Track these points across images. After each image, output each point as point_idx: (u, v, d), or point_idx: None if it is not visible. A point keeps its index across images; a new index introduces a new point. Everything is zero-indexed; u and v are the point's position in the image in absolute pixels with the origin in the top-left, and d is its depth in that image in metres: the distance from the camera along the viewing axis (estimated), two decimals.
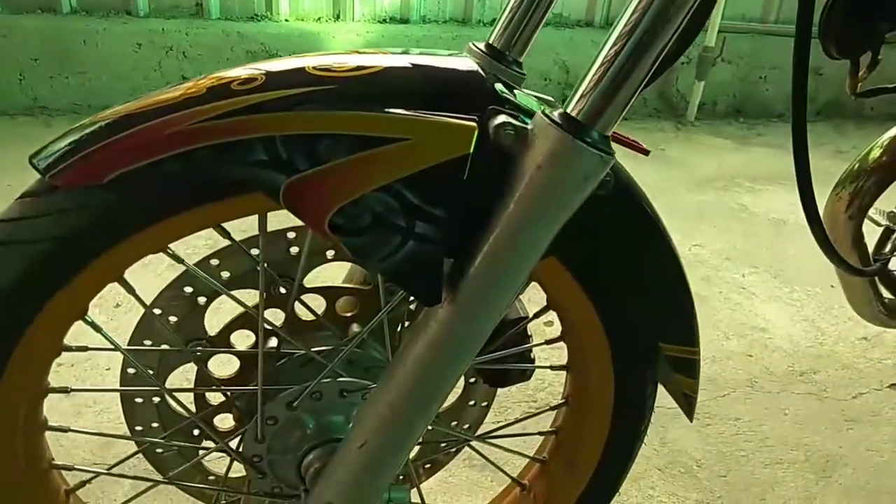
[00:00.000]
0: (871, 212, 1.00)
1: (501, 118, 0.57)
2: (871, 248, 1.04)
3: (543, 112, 0.57)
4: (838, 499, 1.38)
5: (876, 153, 0.96)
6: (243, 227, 0.72)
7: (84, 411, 1.42)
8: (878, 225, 1.03)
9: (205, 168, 0.59)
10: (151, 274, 0.83)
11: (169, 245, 0.68)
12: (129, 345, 0.77)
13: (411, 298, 0.83)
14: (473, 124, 0.58)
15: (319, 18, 3.29)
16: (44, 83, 2.97)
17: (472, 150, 0.58)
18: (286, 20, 3.25)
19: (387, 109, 0.58)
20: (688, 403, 0.84)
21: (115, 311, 1.72)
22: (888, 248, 0.97)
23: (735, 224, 2.49)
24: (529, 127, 0.57)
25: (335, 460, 0.71)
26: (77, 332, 0.69)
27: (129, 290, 0.71)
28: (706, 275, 2.15)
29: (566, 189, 0.57)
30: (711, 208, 2.63)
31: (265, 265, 0.75)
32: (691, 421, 0.87)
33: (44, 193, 0.61)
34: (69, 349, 0.71)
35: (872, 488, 1.41)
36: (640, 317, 0.78)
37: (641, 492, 1.36)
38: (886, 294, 1.10)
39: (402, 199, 0.59)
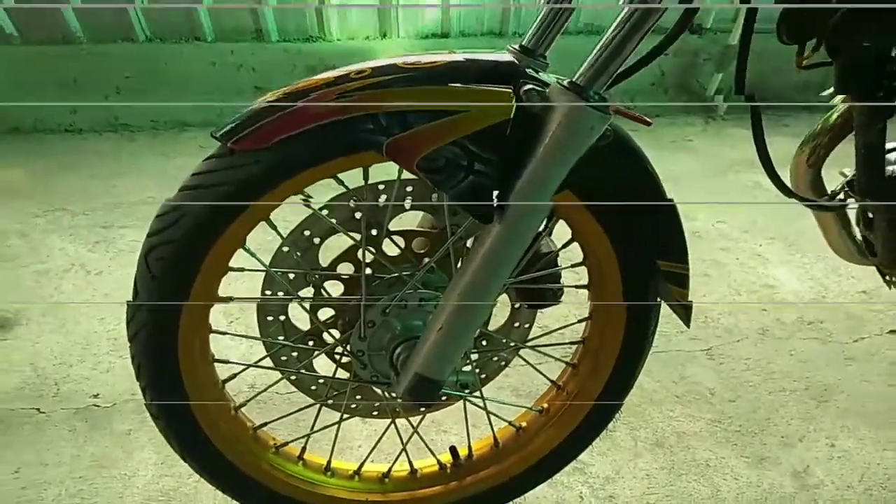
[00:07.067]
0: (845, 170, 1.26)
1: (529, 85, 0.86)
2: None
3: (558, 81, 0.86)
4: (833, 419, 1.62)
5: (832, 118, 1.23)
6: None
7: None
8: (844, 176, 1.29)
9: (335, 134, 0.88)
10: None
11: (302, 191, 0.98)
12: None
13: (467, 235, 1.11)
14: (510, 89, 0.86)
15: (367, 37, 3.63)
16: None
17: (511, 116, 0.87)
18: (338, 40, 3.59)
19: (450, 84, 0.87)
20: (684, 312, 1.10)
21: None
22: (837, 188, 1.23)
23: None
24: (548, 91, 0.86)
25: (419, 342, 1.00)
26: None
27: (272, 225, 1.01)
28: (726, 245, 2.39)
29: (577, 137, 0.85)
30: (732, 188, 2.88)
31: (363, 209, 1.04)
32: (688, 326, 1.13)
33: (224, 156, 0.92)
34: (232, 269, 1.02)
35: (863, 410, 1.65)
36: (641, 239, 1.06)
37: (662, 413, 1.62)
38: (857, 234, 1.36)
39: (466, 148, 0.87)
